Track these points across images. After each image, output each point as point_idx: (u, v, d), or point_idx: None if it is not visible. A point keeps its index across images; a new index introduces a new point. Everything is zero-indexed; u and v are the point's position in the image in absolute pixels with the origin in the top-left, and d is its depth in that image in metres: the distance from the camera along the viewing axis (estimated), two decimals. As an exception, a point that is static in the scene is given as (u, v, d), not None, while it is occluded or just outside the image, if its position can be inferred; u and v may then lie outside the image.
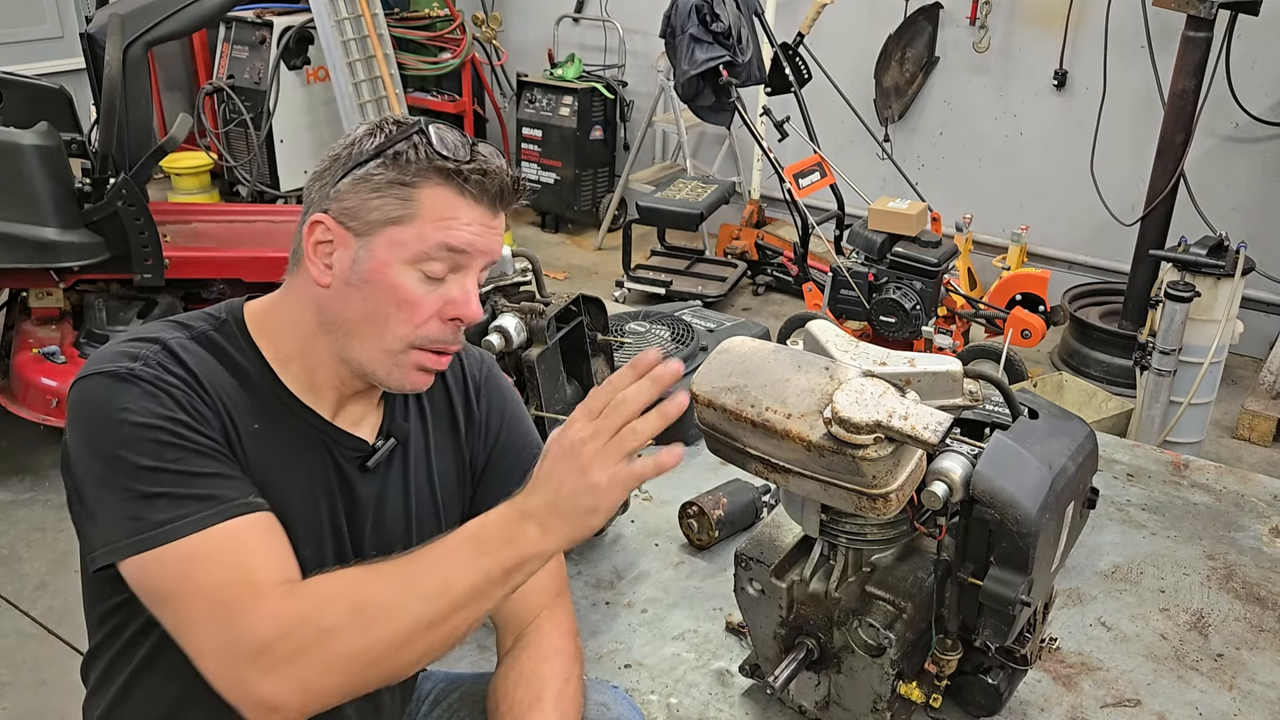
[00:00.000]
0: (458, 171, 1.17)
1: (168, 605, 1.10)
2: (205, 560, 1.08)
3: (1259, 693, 1.98)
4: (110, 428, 1.10)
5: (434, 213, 1.17)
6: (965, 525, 1.57)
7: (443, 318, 1.20)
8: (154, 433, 1.10)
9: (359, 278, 1.18)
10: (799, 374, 1.49)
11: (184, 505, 1.09)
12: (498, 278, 2.26)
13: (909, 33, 5.01)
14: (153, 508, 1.09)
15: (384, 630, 1.06)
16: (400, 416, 1.34)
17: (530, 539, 1.09)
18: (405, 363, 1.21)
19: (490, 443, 1.43)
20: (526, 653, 1.36)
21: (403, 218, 1.17)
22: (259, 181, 5.62)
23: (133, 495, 1.09)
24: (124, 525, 1.09)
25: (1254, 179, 4.43)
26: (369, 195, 1.17)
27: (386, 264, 1.17)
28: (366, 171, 1.17)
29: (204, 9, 3.22)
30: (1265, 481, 2.75)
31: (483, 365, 1.46)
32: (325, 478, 1.26)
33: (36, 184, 2.93)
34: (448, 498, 1.38)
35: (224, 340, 1.22)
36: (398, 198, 1.16)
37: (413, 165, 1.17)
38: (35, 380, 3.12)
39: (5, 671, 2.41)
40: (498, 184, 1.19)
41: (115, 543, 1.10)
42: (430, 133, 1.18)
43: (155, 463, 1.09)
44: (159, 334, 1.19)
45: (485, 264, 1.22)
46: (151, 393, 1.12)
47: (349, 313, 1.20)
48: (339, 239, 1.19)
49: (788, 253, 5.01)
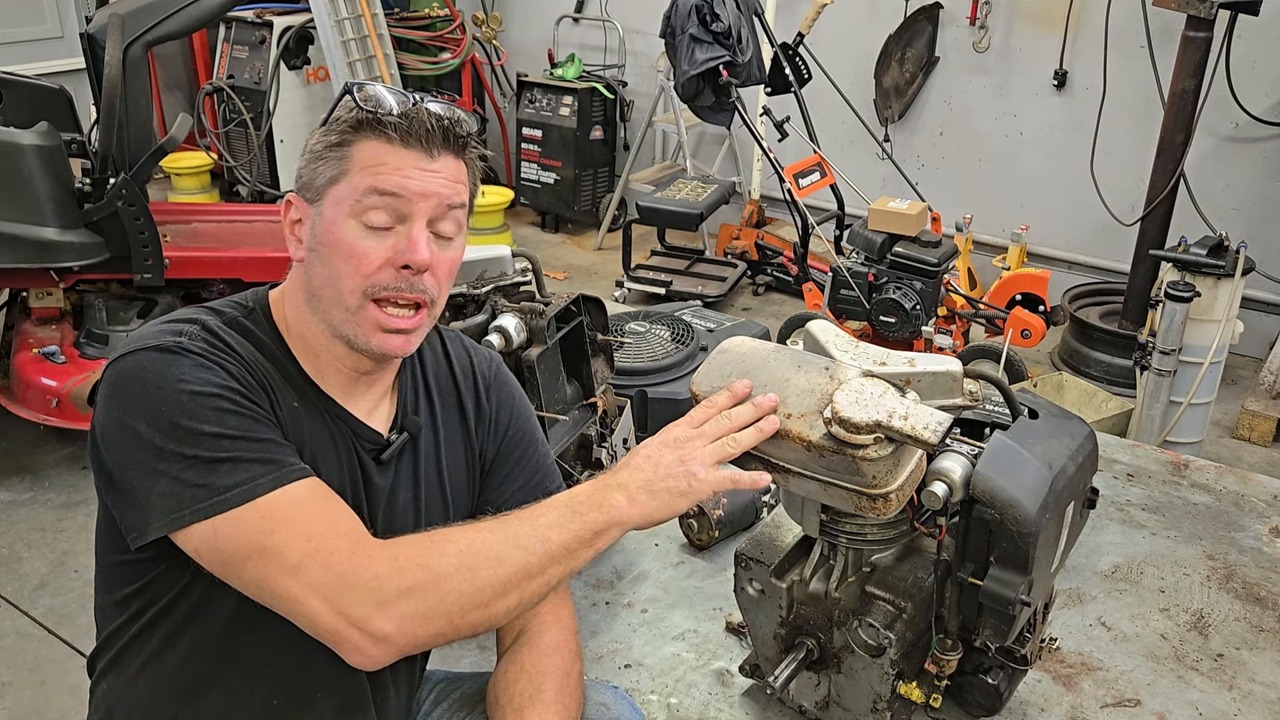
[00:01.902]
0: (378, 120, 1.20)
1: (253, 560, 1.11)
2: (290, 513, 1.12)
3: (1259, 693, 1.98)
4: (166, 396, 1.12)
5: (363, 163, 1.21)
6: (965, 525, 1.57)
7: (394, 266, 1.21)
8: (214, 400, 1.13)
9: (316, 241, 1.23)
10: (799, 374, 1.49)
11: (251, 469, 1.12)
12: (497, 278, 2.26)
13: (909, 33, 5.01)
14: (217, 473, 1.11)
15: (488, 576, 1.14)
16: (412, 410, 1.36)
17: (618, 506, 1.21)
18: (364, 320, 1.22)
19: (499, 437, 1.45)
20: (528, 647, 1.37)
21: (339, 175, 1.21)
22: (259, 181, 5.62)
23: (195, 462, 1.11)
24: (188, 492, 1.10)
25: (1254, 179, 4.43)
26: (316, 164, 1.23)
27: (333, 221, 1.21)
28: (312, 144, 1.24)
29: (204, 9, 3.22)
30: (1265, 481, 2.75)
31: (492, 363, 1.49)
32: (350, 463, 1.29)
33: (36, 184, 2.93)
34: (456, 491, 1.40)
35: (254, 326, 1.26)
36: (335, 158, 1.22)
37: (341, 124, 1.22)
38: (35, 380, 3.12)
39: (5, 671, 2.41)
40: (422, 126, 1.21)
41: (178, 511, 1.10)
42: (354, 92, 1.23)
43: (217, 429, 1.12)
44: (195, 316, 1.23)
45: (434, 211, 1.22)
46: (204, 364, 1.15)
47: (315, 279, 1.24)
48: (303, 213, 1.25)
49: (788, 253, 5.01)
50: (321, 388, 1.27)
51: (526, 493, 1.44)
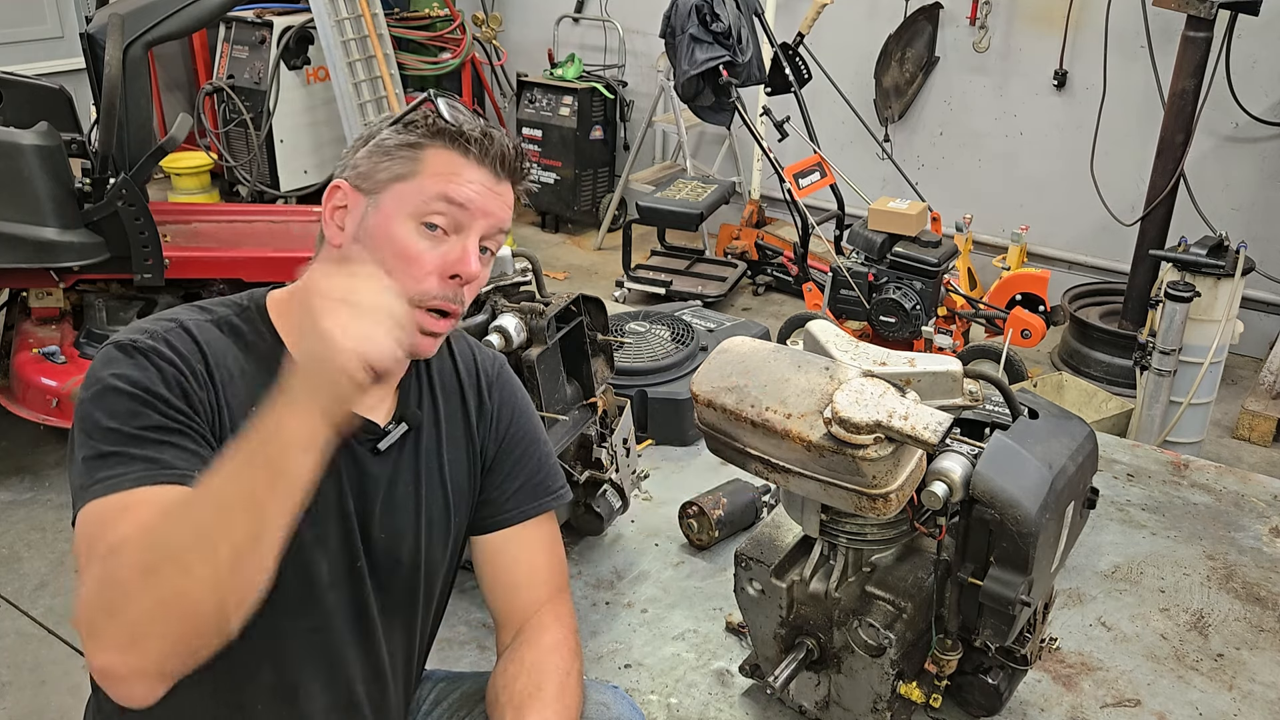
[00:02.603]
0: (460, 133, 1.24)
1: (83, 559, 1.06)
2: (113, 516, 1.06)
3: (1259, 693, 1.98)
4: (98, 391, 1.15)
5: (436, 168, 1.24)
6: (965, 525, 1.57)
7: (442, 275, 1.24)
8: (133, 396, 1.14)
9: (365, 232, 1.24)
10: (799, 374, 1.49)
11: (131, 464, 1.11)
12: (498, 278, 2.26)
13: (909, 33, 5.01)
14: (105, 463, 1.11)
15: (170, 560, 0.98)
16: (414, 403, 1.37)
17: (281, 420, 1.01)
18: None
19: (501, 435, 1.45)
20: (527, 645, 1.37)
21: (407, 174, 1.24)
22: (259, 181, 5.62)
23: (94, 454, 1.12)
24: (79, 478, 1.12)
25: (1254, 179, 4.43)
26: (380, 158, 1.25)
27: (390, 216, 1.23)
28: (380, 138, 1.26)
29: (204, 9, 3.22)
30: (1265, 481, 2.75)
31: (495, 362, 1.50)
32: (334, 460, 1.25)
33: (36, 184, 2.93)
34: (457, 486, 1.40)
35: (244, 325, 1.26)
36: (405, 157, 1.24)
37: (419, 128, 1.25)
38: (35, 380, 3.11)
39: (5, 671, 2.41)
40: (498, 149, 1.26)
41: (74, 500, 1.12)
42: (438, 102, 1.26)
43: (121, 424, 1.12)
44: (179, 314, 1.24)
45: (487, 229, 1.27)
46: (142, 362, 1.16)
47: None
48: (352, 201, 1.26)
49: (788, 253, 5.01)
50: None
51: (527, 491, 1.44)
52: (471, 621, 2.17)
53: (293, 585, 1.25)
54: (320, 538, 1.26)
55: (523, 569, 1.43)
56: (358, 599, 1.32)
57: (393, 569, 1.35)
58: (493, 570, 1.44)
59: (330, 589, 1.29)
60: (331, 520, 1.28)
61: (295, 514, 1.03)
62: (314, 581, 1.27)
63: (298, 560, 1.25)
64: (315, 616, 1.28)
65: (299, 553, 1.24)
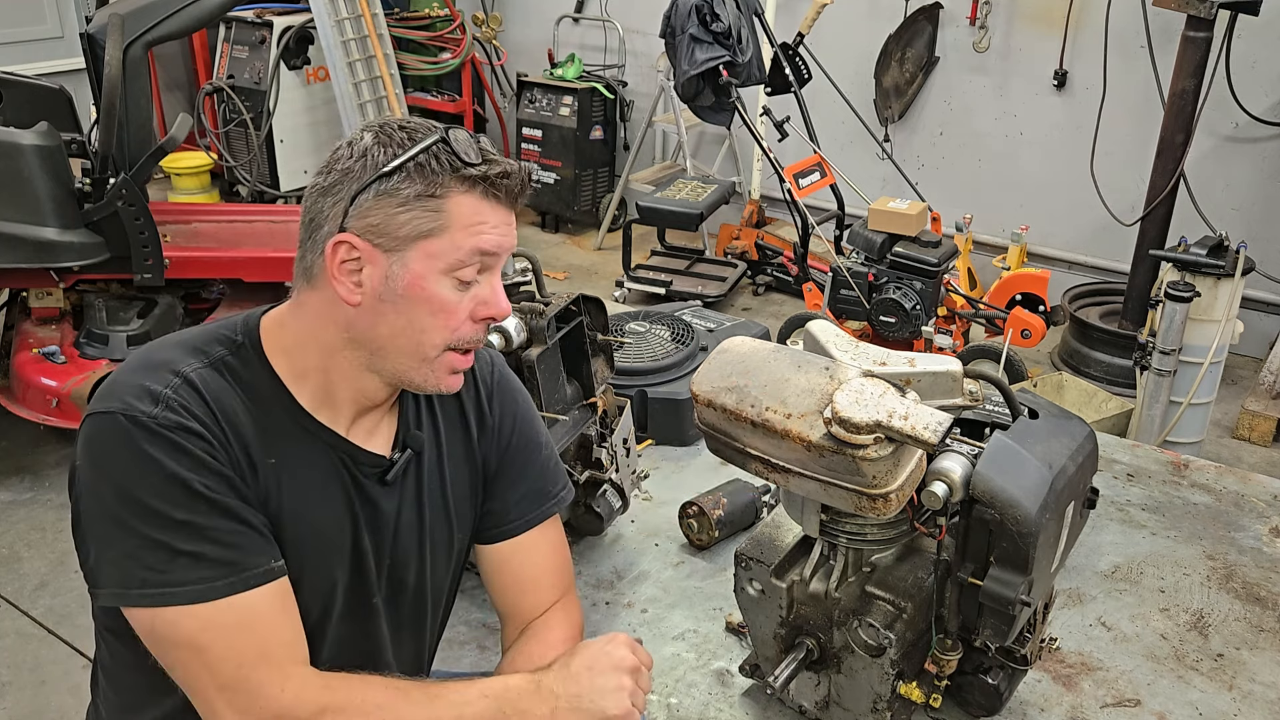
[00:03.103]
0: (484, 178, 1.17)
1: (183, 665, 1.13)
2: (226, 629, 1.11)
3: (1259, 693, 1.98)
4: (136, 474, 1.09)
5: (463, 220, 1.16)
6: (965, 525, 1.57)
7: (474, 318, 1.22)
8: (183, 484, 1.10)
9: (394, 293, 1.17)
10: (799, 374, 1.49)
11: (208, 568, 1.11)
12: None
13: (909, 33, 5.01)
14: (176, 564, 1.09)
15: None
16: (414, 425, 1.34)
17: (537, 715, 1.19)
18: (440, 366, 1.22)
19: (503, 446, 1.43)
20: (534, 640, 1.38)
21: (434, 230, 1.16)
22: (259, 181, 5.62)
23: (155, 545, 1.09)
24: (139, 573, 1.09)
25: (1254, 179, 4.43)
26: (396, 210, 1.15)
27: (422, 276, 1.17)
28: (390, 186, 1.15)
29: (204, 9, 3.22)
30: (1265, 481, 2.75)
31: (493, 368, 1.46)
32: (346, 498, 1.26)
33: (36, 184, 2.93)
34: (459, 503, 1.38)
35: (240, 365, 1.20)
36: (426, 209, 1.15)
37: (438, 175, 1.15)
38: (35, 380, 3.11)
39: (5, 671, 2.41)
40: (518, 183, 1.21)
41: (127, 588, 1.10)
42: (451, 141, 1.17)
43: (186, 516, 1.10)
44: (176, 363, 1.16)
45: (506, 258, 1.25)
46: (178, 444, 1.11)
47: (383, 327, 1.19)
48: (367, 256, 1.16)
49: (788, 253, 5.01)
50: (323, 421, 1.24)
51: (531, 499, 1.43)
52: (471, 621, 2.17)
53: (315, 624, 1.25)
54: (342, 579, 1.27)
55: (529, 574, 1.43)
56: (371, 626, 1.32)
57: (399, 591, 1.34)
58: (499, 577, 1.43)
59: (346, 620, 1.29)
60: (344, 558, 1.27)
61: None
62: (331, 617, 1.27)
63: (321, 604, 1.25)
64: (329, 647, 1.28)
65: (322, 597, 1.25)
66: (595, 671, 1.21)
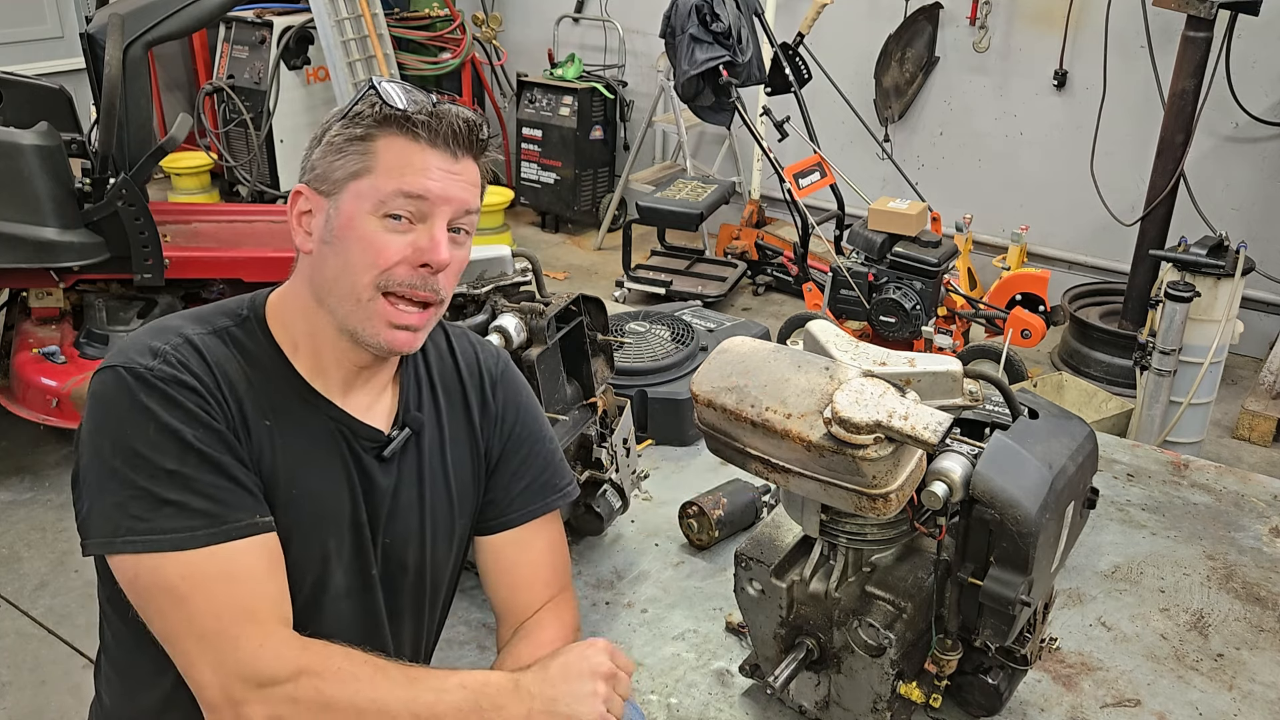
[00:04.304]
0: (406, 118, 1.20)
1: (162, 615, 1.13)
2: (207, 579, 1.12)
3: (1259, 693, 1.98)
4: (131, 423, 1.13)
5: (389, 161, 1.20)
6: (965, 525, 1.57)
7: (412, 264, 1.22)
8: (175, 435, 1.13)
9: (331, 234, 1.22)
10: (799, 374, 1.49)
11: (191, 517, 1.12)
12: (497, 278, 2.26)
13: (909, 33, 5.01)
14: (161, 512, 1.11)
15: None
16: (415, 406, 1.36)
17: (513, 715, 1.18)
18: (375, 314, 1.22)
19: (505, 435, 1.44)
20: (525, 642, 1.38)
21: (362, 170, 1.20)
22: (259, 181, 5.62)
23: (142, 494, 1.11)
24: (125, 521, 1.11)
25: (1254, 179, 4.43)
26: (333, 156, 1.21)
27: (352, 216, 1.20)
28: (329, 136, 1.22)
29: (204, 9, 3.22)
30: (1265, 481, 2.75)
31: (499, 360, 1.48)
32: (345, 469, 1.28)
33: (36, 184, 2.93)
34: (461, 487, 1.39)
35: (244, 336, 1.25)
36: (357, 153, 1.20)
37: (366, 119, 1.21)
38: (35, 380, 3.12)
39: (5, 671, 2.41)
40: (448, 126, 1.21)
41: (112, 536, 1.12)
42: (379, 88, 1.21)
43: (175, 466, 1.12)
44: (181, 327, 1.22)
45: (454, 213, 1.23)
46: (173, 396, 1.14)
47: (327, 271, 1.23)
48: (314, 204, 1.23)
49: (788, 253, 5.01)
50: (319, 390, 1.27)
51: (533, 491, 1.44)
52: (471, 621, 2.17)
53: (310, 595, 1.26)
54: (337, 550, 1.27)
55: (526, 569, 1.43)
56: (369, 605, 1.32)
57: (399, 572, 1.34)
58: (496, 570, 1.44)
59: (344, 598, 1.29)
60: (346, 532, 1.28)
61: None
62: (328, 591, 1.28)
63: (315, 572, 1.25)
64: (327, 624, 1.28)
65: (316, 565, 1.25)
66: (571, 676, 1.21)
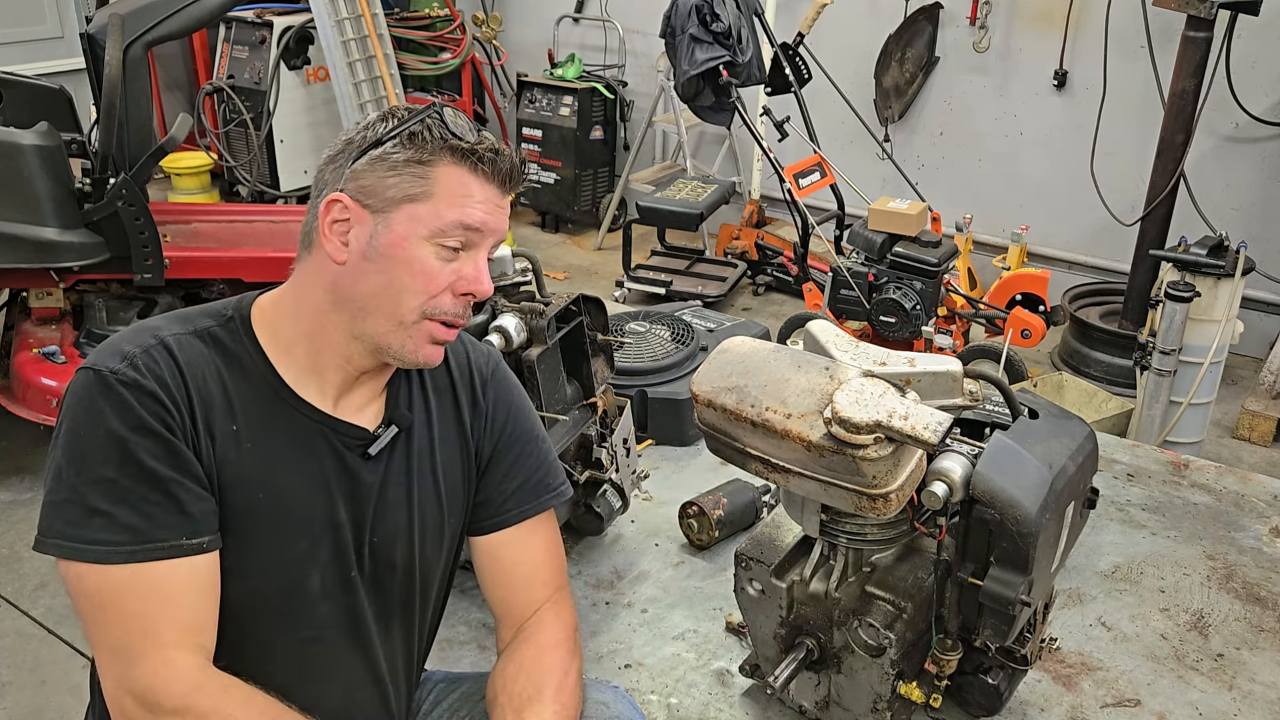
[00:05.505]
0: (472, 151, 1.21)
1: (85, 619, 1.16)
2: (121, 597, 1.13)
3: (1259, 693, 1.98)
4: (83, 426, 1.14)
5: (449, 190, 1.21)
6: (965, 525, 1.57)
7: (455, 292, 1.24)
8: (120, 443, 1.13)
9: (376, 252, 1.21)
10: (799, 374, 1.49)
11: (119, 532, 1.13)
12: (497, 278, 2.26)
13: (909, 33, 5.01)
14: (90, 524, 1.13)
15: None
16: (404, 405, 1.35)
17: None
18: (418, 334, 1.24)
19: (496, 435, 1.44)
20: (526, 645, 1.37)
21: (420, 195, 1.20)
22: (259, 181, 5.62)
23: (75, 500, 1.13)
24: (59, 525, 1.13)
25: (1254, 179, 4.43)
26: (386, 173, 1.21)
27: (405, 238, 1.20)
28: (383, 151, 1.21)
29: (204, 9, 3.22)
30: (1265, 481, 2.75)
31: (490, 360, 1.48)
32: (324, 471, 1.27)
33: (36, 184, 2.93)
34: (451, 485, 1.39)
35: (227, 337, 1.24)
36: (414, 175, 1.20)
37: (428, 145, 1.21)
38: (35, 380, 3.11)
39: (5, 671, 2.41)
40: (508, 164, 1.25)
41: (45, 536, 1.14)
42: (444, 114, 1.22)
43: (114, 474, 1.13)
44: (160, 327, 1.22)
45: (495, 242, 1.27)
46: (129, 402, 1.14)
47: (364, 287, 1.22)
48: (356, 216, 1.22)
49: (788, 253, 5.01)
50: (302, 393, 1.26)
51: (527, 491, 1.43)
52: (471, 621, 2.17)
53: (284, 599, 1.25)
54: (311, 551, 1.26)
55: (523, 569, 1.43)
56: (353, 606, 1.31)
57: (387, 573, 1.34)
58: (492, 571, 1.43)
59: (324, 599, 1.28)
60: (324, 533, 1.27)
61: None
62: (306, 594, 1.27)
63: (289, 575, 1.25)
64: (309, 627, 1.27)
65: (290, 568, 1.25)
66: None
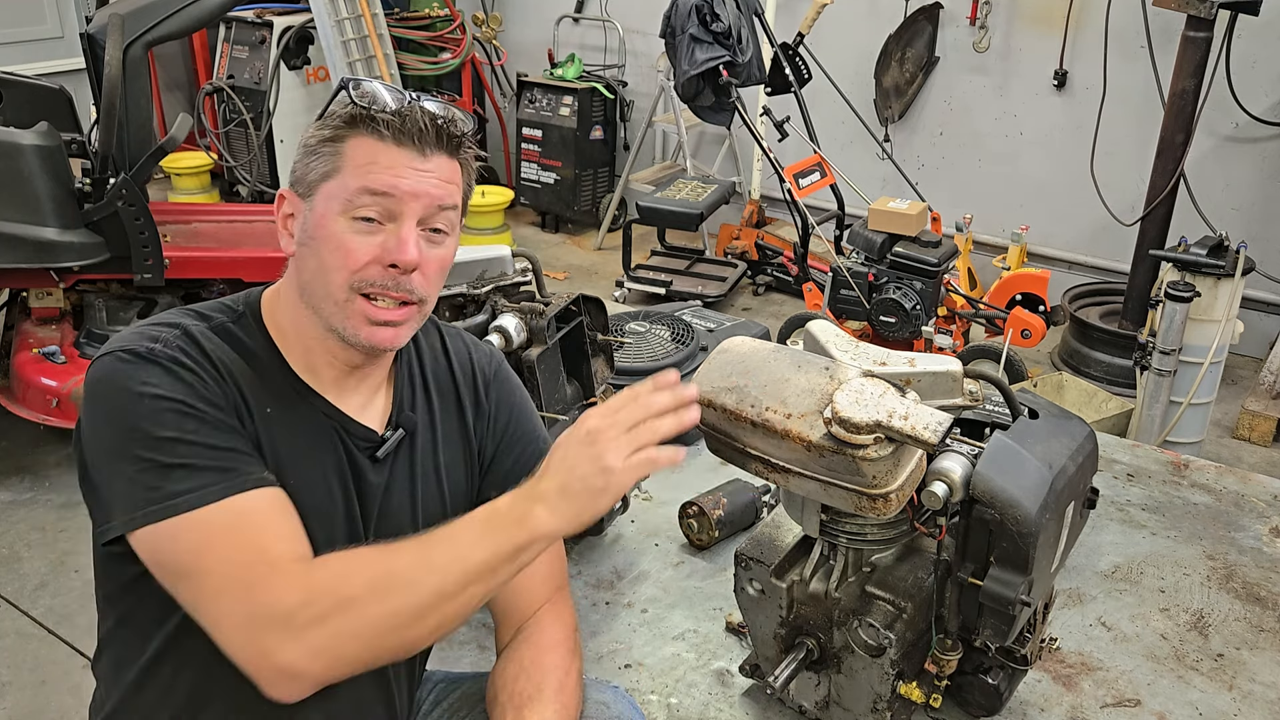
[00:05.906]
0: (370, 117, 1.20)
1: (184, 578, 1.13)
2: (223, 532, 1.12)
3: (1259, 693, 1.98)
4: (130, 400, 1.13)
5: (355, 161, 1.20)
6: (965, 525, 1.57)
7: (382, 264, 1.21)
8: (175, 405, 1.14)
9: (307, 236, 1.23)
10: (799, 374, 1.49)
11: (202, 476, 1.12)
12: (497, 278, 2.26)
13: (909, 33, 5.01)
14: (171, 478, 1.12)
15: (402, 600, 1.11)
16: (409, 407, 1.36)
17: (539, 519, 1.14)
18: (353, 313, 1.22)
19: (498, 435, 1.44)
20: (526, 645, 1.37)
21: (332, 171, 1.21)
22: (259, 181, 5.62)
23: (150, 465, 1.12)
24: (141, 494, 1.12)
25: (1254, 179, 4.43)
26: (308, 158, 1.23)
27: (324, 216, 1.21)
28: (308, 138, 1.24)
29: (204, 9, 3.22)
30: (1265, 481, 2.75)
31: (492, 360, 1.48)
32: (339, 465, 1.28)
33: (36, 184, 2.93)
34: (454, 487, 1.39)
35: (240, 331, 1.26)
36: (328, 154, 1.22)
37: (335, 119, 1.22)
38: (35, 380, 3.11)
39: (5, 671, 2.41)
40: (416, 124, 1.21)
41: (132, 512, 1.12)
42: (349, 88, 1.22)
43: (175, 433, 1.13)
44: (179, 320, 1.23)
45: (425, 210, 1.22)
46: (171, 370, 1.15)
47: (305, 272, 1.24)
48: (294, 206, 1.26)
49: (788, 253, 5.01)
50: (313, 386, 1.27)
51: None
52: (472, 621, 2.17)
53: None
54: (328, 540, 1.26)
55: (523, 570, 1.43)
56: None
57: None
58: None
59: None
60: (339, 523, 1.28)
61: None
62: None
63: None
64: None
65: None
66: (570, 455, 1.15)
